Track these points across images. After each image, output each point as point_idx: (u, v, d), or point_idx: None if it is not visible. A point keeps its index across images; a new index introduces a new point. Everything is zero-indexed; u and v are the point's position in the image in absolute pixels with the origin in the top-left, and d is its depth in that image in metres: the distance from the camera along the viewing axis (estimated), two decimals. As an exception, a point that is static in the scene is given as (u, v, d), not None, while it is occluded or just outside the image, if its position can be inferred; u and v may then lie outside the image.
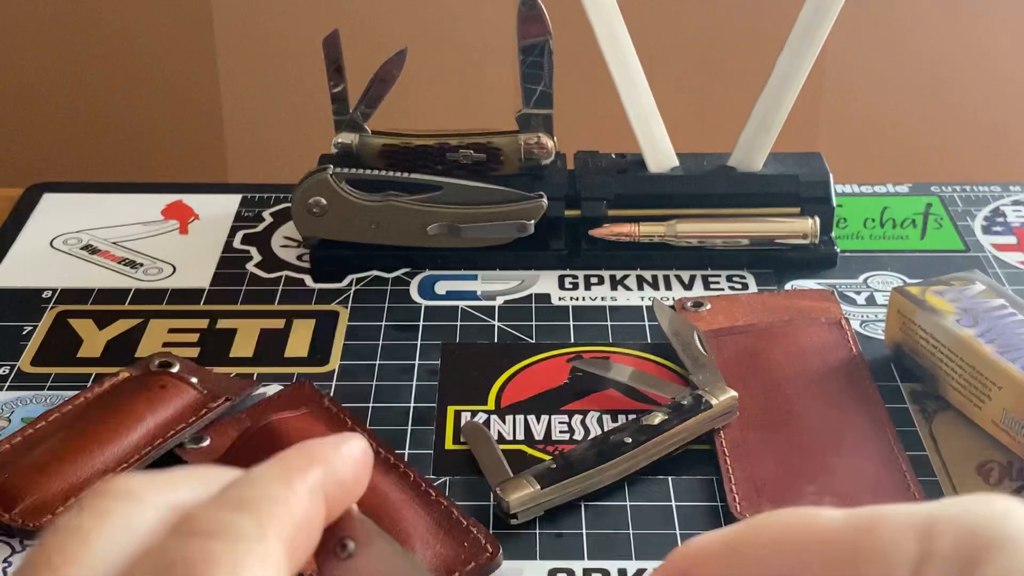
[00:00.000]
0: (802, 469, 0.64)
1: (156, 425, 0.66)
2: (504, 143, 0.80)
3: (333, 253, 0.81)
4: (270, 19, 1.33)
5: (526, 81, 0.79)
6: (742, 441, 0.66)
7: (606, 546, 0.60)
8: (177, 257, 0.83)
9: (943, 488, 0.64)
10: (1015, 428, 0.64)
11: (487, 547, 0.58)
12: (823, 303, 0.77)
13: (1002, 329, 0.67)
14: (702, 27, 1.34)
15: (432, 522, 0.59)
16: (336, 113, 0.80)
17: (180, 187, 0.91)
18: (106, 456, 0.64)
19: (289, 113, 1.36)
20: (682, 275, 0.81)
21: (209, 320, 0.77)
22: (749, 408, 0.67)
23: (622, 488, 0.64)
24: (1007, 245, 0.84)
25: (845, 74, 1.35)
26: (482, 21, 1.32)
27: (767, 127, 0.80)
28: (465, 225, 0.79)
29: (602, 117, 0.98)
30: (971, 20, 1.33)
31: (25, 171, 1.34)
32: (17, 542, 0.61)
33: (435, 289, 0.80)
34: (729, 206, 0.81)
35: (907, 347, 0.71)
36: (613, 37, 0.78)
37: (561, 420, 0.69)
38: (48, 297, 0.79)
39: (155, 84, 1.35)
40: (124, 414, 0.66)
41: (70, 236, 0.85)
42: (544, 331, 0.76)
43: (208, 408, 0.67)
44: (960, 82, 1.36)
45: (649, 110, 0.80)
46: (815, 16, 0.77)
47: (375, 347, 0.74)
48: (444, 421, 0.68)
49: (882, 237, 0.85)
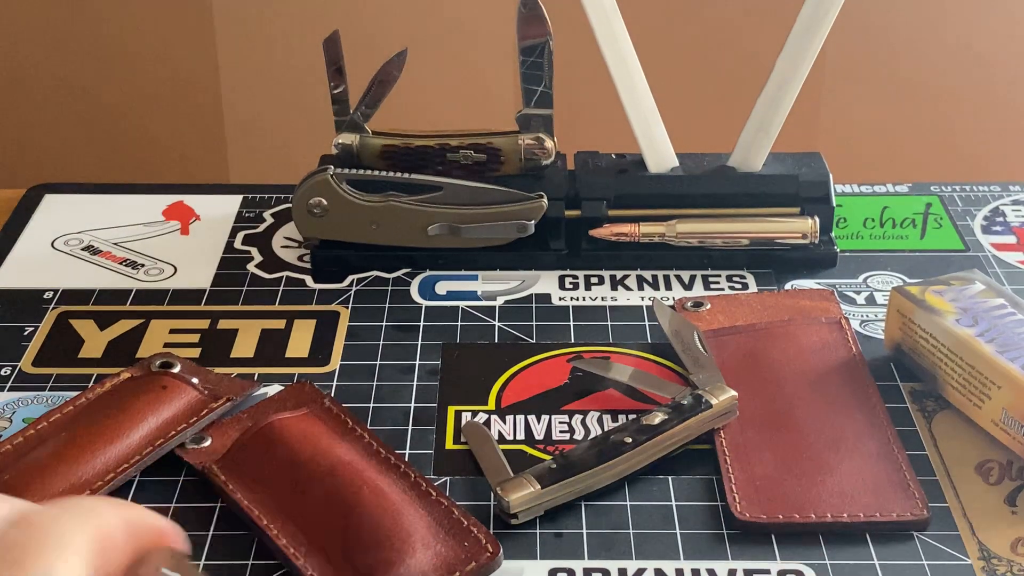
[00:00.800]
0: (802, 468, 0.64)
1: (157, 425, 0.66)
2: (504, 143, 0.80)
3: (334, 253, 0.81)
4: (271, 20, 1.33)
5: (526, 81, 0.79)
6: (742, 441, 0.66)
7: (606, 546, 0.61)
8: (178, 258, 0.83)
9: (943, 487, 0.64)
10: (1014, 427, 0.64)
11: (487, 547, 0.58)
12: (823, 303, 0.77)
13: (1001, 329, 0.67)
14: (702, 27, 1.34)
15: (432, 522, 0.59)
16: (337, 114, 0.80)
17: (181, 188, 0.91)
18: (107, 456, 0.64)
19: (289, 114, 1.36)
20: (682, 275, 0.81)
21: (210, 321, 0.77)
22: (749, 408, 0.68)
23: (622, 488, 0.64)
24: (1007, 245, 0.84)
25: (845, 74, 1.35)
26: (482, 21, 1.32)
27: (767, 127, 0.80)
28: (465, 225, 0.79)
29: (602, 117, 0.99)
30: (970, 20, 1.33)
31: (26, 172, 1.34)
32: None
33: (435, 289, 0.80)
34: (729, 206, 0.81)
35: (907, 347, 0.71)
36: (613, 37, 0.78)
37: (561, 420, 0.69)
38: (49, 298, 0.79)
39: (156, 85, 1.35)
40: (125, 415, 0.66)
41: (71, 237, 0.86)
42: (544, 331, 0.76)
43: (209, 408, 0.67)
44: (959, 82, 1.36)
45: (649, 110, 0.80)
46: (814, 16, 0.77)
47: (375, 347, 0.74)
48: (444, 421, 0.69)
49: (882, 237, 0.85)
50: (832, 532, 0.61)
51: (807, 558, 0.60)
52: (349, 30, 0.82)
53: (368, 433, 0.65)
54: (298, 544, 0.59)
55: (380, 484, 0.61)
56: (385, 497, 0.60)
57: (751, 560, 0.60)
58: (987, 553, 0.60)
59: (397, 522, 0.59)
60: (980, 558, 0.60)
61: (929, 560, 0.60)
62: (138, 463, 0.64)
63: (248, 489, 0.62)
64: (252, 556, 0.60)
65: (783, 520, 0.61)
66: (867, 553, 0.60)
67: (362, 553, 0.57)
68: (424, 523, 0.59)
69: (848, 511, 0.61)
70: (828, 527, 0.61)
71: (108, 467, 0.64)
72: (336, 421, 0.66)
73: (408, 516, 0.59)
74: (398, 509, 0.59)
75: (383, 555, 0.57)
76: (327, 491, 0.60)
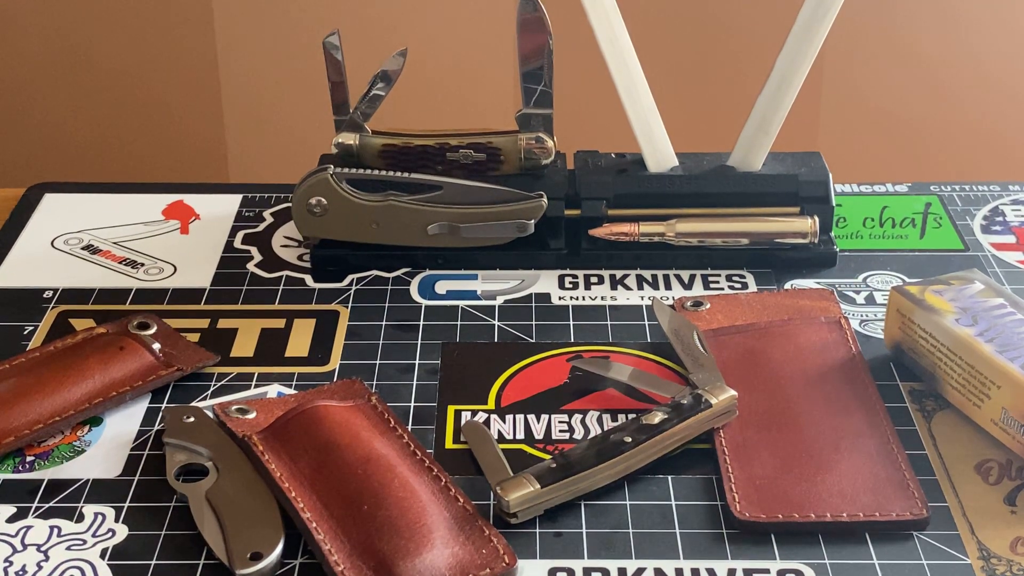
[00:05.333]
0: (801, 468, 0.64)
1: (103, 384, 0.69)
2: (504, 143, 0.80)
3: (333, 253, 0.81)
4: (271, 19, 1.33)
5: (526, 81, 0.79)
6: (742, 440, 0.66)
7: (606, 545, 0.61)
8: (178, 257, 0.83)
9: (942, 487, 0.64)
10: (1014, 427, 0.64)
11: (504, 557, 0.59)
12: (822, 302, 0.77)
13: (1001, 328, 0.67)
14: (702, 27, 1.34)
15: (454, 524, 0.60)
16: (336, 113, 0.80)
17: (181, 187, 0.91)
18: (43, 407, 0.67)
19: (289, 113, 1.36)
20: (682, 275, 0.81)
21: (210, 320, 0.77)
22: (748, 407, 0.68)
23: (622, 487, 0.64)
24: (1006, 244, 0.84)
25: (844, 74, 1.35)
26: (482, 21, 1.32)
27: (766, 127, 0.80)
28: (465, 225, 0.79)
29: (602, 117, 0.99)
30: (970, 19, 1.33)
31: (26, 171, 1.34)
32: (18, 541, 0.61)
33: (435, 289, 0.80)
34: (729, 206, 0.81)
35: (906, 346, 0.71)
36: (613, 37, 0.78)
37: (561, 419, 0.69)
38: (49, 297, 0.79)
39: (156, 84, 1.35)
40: (73, 370, 0.69)
41: (71, 236, 0.86)
42: (544, 331, 0.76)
43: (157, 375, 0.70)
44: (959, 82, 1.36)
45: (649, 110, 0.81)
46: (814, 16, 0.78)
47: (375, 347, 0.74)
48: (444, 420, 0.69)
49: (881, 236, 0.85)
50: (832, 532, 0.61)
51: (807, 557, 0.60)
52: (349, 30, 0.82)
53: (407, 434, 0.66)
54: (321, 520, 0.60)
55: (410, 480, 0.62)
56: (413, 492, 0.61)
57: (751, 560, 0.60)
58: (986, 553, 0.60)
59: (420, 517, 0.60)
60: (979, 558, 0.60)
61: (928, 560, 0.60)
62: (70, 417, 0.67)
63: (282, 463, 0.63)
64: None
65: (783, 520, 0.61)
66: (867, 553, 0.60)
67: (382, 539, 0.59)
68: (446, 523, 0.60)
69: (848, 511, 0.61)
70: (828, 527, 0.61)
71: (41, 418, 0.67)
72: (379, 418, 0.67)
73: (432, 514, 0.60)
74: (423, 506, 0.61)
75: (402, 544, 0.58)
76: (358, 477, 0.62)
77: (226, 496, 0.61)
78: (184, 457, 0.64)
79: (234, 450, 0.64)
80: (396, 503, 0.60)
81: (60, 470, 0.65)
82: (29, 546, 0.60)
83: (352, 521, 0.60)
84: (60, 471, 0.65)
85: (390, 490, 0.61)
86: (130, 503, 0.63)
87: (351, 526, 0.60)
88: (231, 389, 0.71)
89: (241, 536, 0.59)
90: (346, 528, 0.60)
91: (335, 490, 0.61)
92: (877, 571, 0.59)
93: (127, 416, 0.69)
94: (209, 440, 0.65)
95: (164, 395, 0.70)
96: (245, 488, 0.62)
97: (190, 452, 0.64)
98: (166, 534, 0.61)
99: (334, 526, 0.60)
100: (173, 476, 0.63)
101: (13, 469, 0.65)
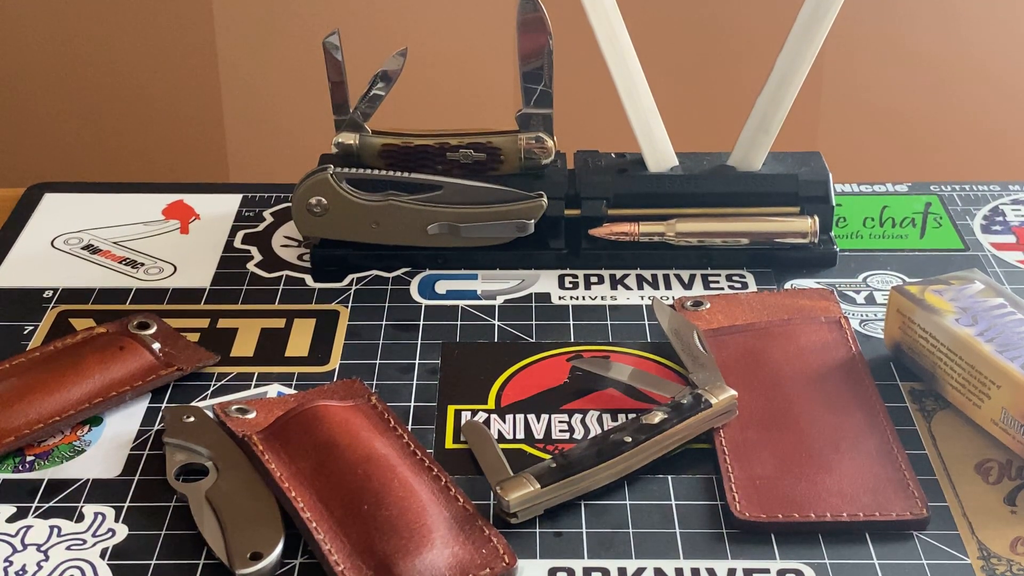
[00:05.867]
0: (801, 468, 0.64)
1: (102, 384, 0.69)
2: (504, 143, 0.80)
3: (333, 253, 0.81)
4: (270, 19, 1.33)
5: (526, 81, 0.79)
6: (742, 440, 0.66)
7: (606, 545, 0.61)
8: (178, 257, 0.83)
9: (942, 487, 0.64)
10: (1014, 427, 0.64)
11: (504, 557, 0.59)
12: (822, 302, 0.77)
13: (1001, 328, 0.67)
14: (702, 27, 1.34)
15: (455, 524, 0.61)
16: (336, 113, 0.80)
17: (181, 187, 0.91)
18: (43, 407, 0.67)
19: (289, 113, 1.36)
20: (682, 274, 0.81)
21: (210, 320, 0.77)
22: (748, 407, 0.68)
23: (622, 487, 0.64)
24: (1006, 244, 0.84)
25: (844, 74, 1.35)
26: (482, 21, 1.32)
27: (766, 127, 0.80)
28: (465, 225, 0.79)
29: (602, 117, 0.99)
30: (970, 19, 1.33)
31: (26, 171, 1.34)
32: (18, 541, 0.61)
33: (435, 289, 0.80)
34: (729, 205, 0.81)
35: (906, 346, 0.71)
36: (613, 37, 0.78)
37: (561, 419, 0.69)
38: (49, 297, 0.79)
39: (156, 84, 1.35)
40: (73, 369, 0.69)
41: (71, 236, 0.86)
42: (544, 330, 0.76)
43: (157, 375, 0.70)
44: (959, 81, 1.36)
45: (649, 110, 0.81)
46: (814, 16, 0.78)
47: (375, 347, 0.74)
48: (444, 420, 0.69)
49: (881, 236, 0.85)
50: (832, 531, 0.61)
51: (807, 557, 0.60)
52: (349, 30, 0.82)
53: (407, 434, 0.66)
54: (321, 520, 0.60)
55: (410, 480, 0.62)
56: (413, 492, 0.61)
57: (751, 559, 0.60)
58: (986, 552, 0.60)
59: (420, 517, 0.60)
60: (979, 557, 0.60)
61: (928, 559, 0.60)
62: (70, 417, 0.67)
63: (282, 463, 0.63)
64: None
65: (783, 519, 0.61)
66: (867, 552, 0.60)
67: (382, 539, 0.59)
68: (446, 523, 0.60)
69: (848, 510, 0.61)
70: (828, 526, 0.61)
71: (42, 417, 0.67)
72: (379, 418, 0.67)
73: (432, 514, 0.60)
74: (423, 505, 0.61)
75: (402, 543, 0.58)
76: (359, 477, 0.62)
77: (226, 496, 0.61)
78: (184, 457, 0.64)
79: (234, 450, 0.64)
80: (396, 503, 0.60)
81: (60, 470, 0.65)
82: (29, 546, 0.61)
83: (352, 521, 0.60)
84: (60, 471, 0.65)
85: (390, 490, 0.61)
86: (130, 503, 0.63)
87: (351, 526, 0.60)
88: (231, 389, 0.71)
89: (241, 536, 0.59)
90: (346, 528, 0.60)
91: (335, 490, 0.62)
92: (877, 571, 0.59)
93: (127, 416, 0.69)
94: (209, 440, 0.65)
95: (164, 395, 0.70)
96: (245, 488, 0.62)
97: (190, 452, 0.64)
98: (166, 534, 0.61)
99: (334, 526, 0.60)
100: (173, 476, 0.63)
101: (13, 469, 0.65)
